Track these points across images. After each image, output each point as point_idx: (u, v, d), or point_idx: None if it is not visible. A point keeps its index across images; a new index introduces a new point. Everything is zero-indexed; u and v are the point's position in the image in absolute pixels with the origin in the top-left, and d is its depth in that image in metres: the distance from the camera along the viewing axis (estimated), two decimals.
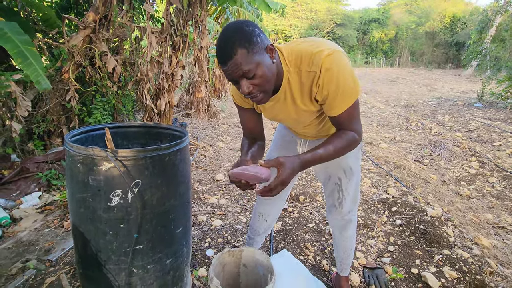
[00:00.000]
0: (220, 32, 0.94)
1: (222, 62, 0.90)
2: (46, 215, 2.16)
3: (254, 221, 1.53)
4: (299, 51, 0.97)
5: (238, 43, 0.86)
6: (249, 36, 0.87)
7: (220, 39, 0.90)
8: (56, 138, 3.04)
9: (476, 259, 1.76)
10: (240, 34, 0.87)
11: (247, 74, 0.89)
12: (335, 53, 0.93)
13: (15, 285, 1.48)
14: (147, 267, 1.18)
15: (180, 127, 1.46)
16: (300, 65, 0.97)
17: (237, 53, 0.86)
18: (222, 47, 0.89)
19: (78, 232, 1.15)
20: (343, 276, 1.52)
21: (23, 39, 2.12)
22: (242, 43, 0.86)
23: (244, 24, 0.90)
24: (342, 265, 1.49)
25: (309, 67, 0.95)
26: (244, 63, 0.87)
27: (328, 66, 0.91)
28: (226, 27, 0.91)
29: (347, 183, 1.28)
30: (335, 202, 1.32)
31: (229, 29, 0.89)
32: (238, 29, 0.88)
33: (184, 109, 5.43)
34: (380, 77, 16.49)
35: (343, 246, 1.44)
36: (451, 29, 27.39)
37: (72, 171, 1.09)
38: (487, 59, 8.89)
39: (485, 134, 4.70)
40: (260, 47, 0.89)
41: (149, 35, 3.08)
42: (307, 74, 0.96)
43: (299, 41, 1.03)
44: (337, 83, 0.93)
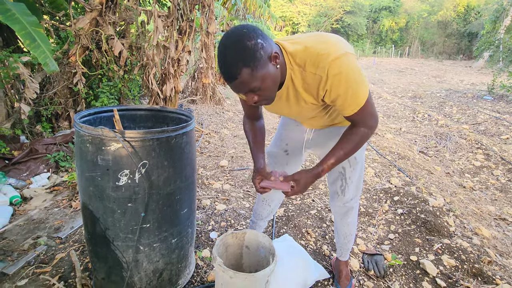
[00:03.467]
0: (221, 44, 0.87)
1: (226, 80, 0.89)
2: (55, 195, 2.22)
3: (257, 205, 1.57)
4: (304, 51, 0.93)
5: (242, 63, 0.83)
6: (253, 53, 0.83)
7: (222, 56, 0.86)
8: (64, 121, 3.08)
9: (475, 249, 1.78)
10: (243, 53, 0.83)
11: (253, 90, 0.89)
12: (342, 57, 0.90)
13: (27, 259, 1.55)
14: (153, 245, 1.22)
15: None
16: (304, 66, 0.94)
17: (241, 73, 0.84)
18: (225, 66, 0.86)
19: (87, 210, 1.19)
20: (342, 261, 1.55)
21: (31, 21, 2.13)
22: (246, 63, 0.83)
23: (246, 37, 0.83)
24: (342, 250, 1.52)
25: (315, 70, 0.93)
26: (250, 81, 0.86)
27: (336, 71, 0.89)
28: (227, 42, 0.85)
29: (351, 172, 1.29)
30: (337, 190, 1.34)
31: (231, 46, 0.84)
32: (241, 47, 0.83)
33: (189, 95, 5.43)
34: (389, 67, 16.19)
35: (343, 232, 1.46)
36: (465, 18, 26.53)
37: (82, 150, 1.12)
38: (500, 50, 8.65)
39: (493, 127, 4.64)
40: (264, 60, 0.86)
41: (155, 19, 3.06)
42: (312, 76, 0.94)
43: (304, 37, 0.98)
44: (345, 88, 0.92)
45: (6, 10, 2.08)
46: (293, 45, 0.95)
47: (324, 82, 0.92)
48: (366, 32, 29.99)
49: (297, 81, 0.98)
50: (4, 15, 2.05)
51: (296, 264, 1.54)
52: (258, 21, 7.95)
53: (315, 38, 0.95)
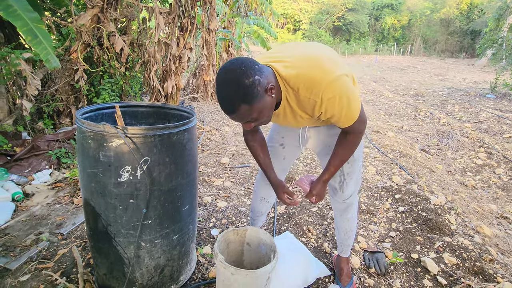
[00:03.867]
0: (219, 77, 0.91)
1: (225, 113, 0.94)
2: (57, 191, 2.23)
3: (255, 204, 1.58)
4: (297, 76, 0.96)
5: (240, 100, 0.88)
6: (250, 90, 0.87)
7: (220, 91, 0.90)
8: (65, 118, 3.09)
9: (476, 247, 1.78)
10: (241, 90, 0.87)
11: (250, 120, 0.96)
12: (334, 82, 0.93)
13: (29, 255, 1.56)
14: (155, 242, 1.22)
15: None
16: (298, 90, 0.97)
17: (240, 108, 0.89)
18: (224, 101, 0.90)
19: (89, 206, 1.19)
20: (343, 257, 1.55)
21: (33, 17, 2.12)
22: (245, 100, 0.88)
23: (244, 75, 0.87)
24: (342, 247, 1.53)
25: (309, 95, 0.96)
26: (247, 115, 0.92)
27: (330, 95, 0.94)
28: (225, 79, 0.88)
29: (349, 168, 1.30)
30: (336, 186, 1.35)
31: (229, 84, 0.88)
32: (239, 85, 0.86)
33: (190, 92, 5.43)
34: (391, 65, 16.11)
35: (344, 228, 1.47)
36: (468, 16, 26.32)
37: (83, 147, 1.13)
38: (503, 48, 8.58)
39: (495, 125, 4.62)
40: (261, 95, 0.90)
41: (157, 16, 3.05)
42: (307, 99, 0.98)
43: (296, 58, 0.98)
44: (340, 108, 0.97)
45: (8, 6, 2.07)
46: (286, 69, 0.97)
47: (319, 106, 0.97)
48: (368, 29, 29.81)
49: (292, 102, 1.03)
50: (5, 11, 2.05)
51: (297, 261, 1.54)
52: (259, 18, 7.91)
53: (307, 63, 0.96)
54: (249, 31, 8.48)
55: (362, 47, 27.08)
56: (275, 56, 1.02)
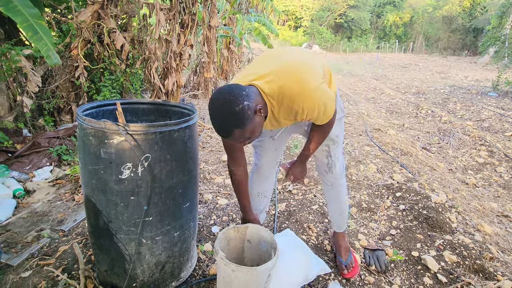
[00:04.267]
0: (211, 104, 0.98)
1: (220, 135, 1.04)
2: (57, 188, 2.23)
3: (253, 202, 1.59)
4: (279, 91, 1.04)
5: (233, 126, 0.96)
6: (241, 115, 0.95)
7: (213, 117, 0.98)
8: (66, 115, 3.08)
9: (477, 245, 1.78)
10: (233, 117, 0.95)
11: (244, 140, 1.04)
12: (313, 92, 1.04)
13: (31, 252, 1.56)
14: (156, 238, 1.23)
15: None
16: (282, 101, 1.07)
17: (234, 133, 0.98)
18: (218, 127, 0.99)
19: (90, 202, 1.20)
20: (340, 233, 1.66)
21: (33, 13, 2.11)
22: (237, 125, 0.96)
23: (233, 103, 0.94)
24: (338, 223, 1.64)
25: (291, 104, 1.07)
26: (241, 136, 1.00)
27: (310, 104, 1.06)
28: (217, 107, 0.96)
29: (335, 149, 1.45)
30: (325, 168, 1.48)
31: (221, 112, 0.96)
32: (230, 113, 0.94)
33: (191, 90, 5.41)
34: (392, 63, 16.05)
35: (338, 209, 1.59)
36: (470, 13, 26.15)
37: (84, 143, 1.12)
38: (505, 46, 8.53)
39: (497, 123, 4.60)
40: (251, 117, 0.97)
41: (157, 12, 3.03)
42: (289, 108, 1.09)
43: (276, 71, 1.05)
44: (318, 112, 1.09)
45: (8, 2, 2.06)
46: (268, 85, 1.04)
47: (300, 113, 1.09)
48: (369, 27, 29.65)
49: (276, 112, 1.12)
50: (6, 7, 2.04)
51: (297, 258, 1.55)
52: (260, 15, 7.88)
53: (287, 77, 1.04)
54: (250, 28, 8.44)
55: (364, 45, 26.95)
56: (254, 73, 1.08)
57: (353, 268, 1.58)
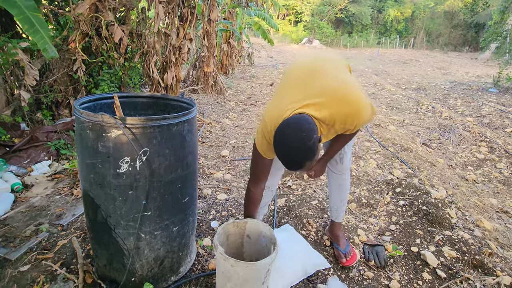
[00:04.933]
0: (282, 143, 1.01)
1: (288, 168, 1.06)
2: (56, 182, 2.22)
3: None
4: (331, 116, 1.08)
5: (306, 159, 1.00)
6: (313, 149, 0.99)
7: (286, 154, 1.01)
8: (64, 109, 3.06)
9: (476, 241, 1.78)
10: (307, 152, 0.99)
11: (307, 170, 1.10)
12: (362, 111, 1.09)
13: (29, 246, 1.56)
14: (155, 233, 1.22)
15: None
16: (334, 124, 1.11)
17: (305, 165, 1.02)
18: (290, 162, 1.03)
19: (88, 197, 1.18)
20: (337, 223, 1.70)
21: (29, 5, 2.08)
22: (309, 158, 1.00)
23: (306, 139, 0.97)
24: (338, 213, 1.67)
25: (343, 125, 1.12)
26: (309, 167, 1.05)
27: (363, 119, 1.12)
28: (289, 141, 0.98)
29: (348, 145, 1.47)
30: (337, 158, 1.52)
31: (295, 148, 0.98)
32: (304, 148, 0.98)
33: (190, 84, 5.38)
34: (393, 59, 15.96)
35: (340, 197, 1.63)
36: (472, 9, 25.93)
37: (82, 137, 1.11)
38: (507, 42, 8.47)
39: (498, 119, 4.59)
40: (318, 148, 1.02)
41: (156, 5, 2.99)
42: (341, 129, 1.15)
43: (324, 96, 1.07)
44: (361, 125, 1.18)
45: None
46: (320, 113, 1.06)
47: (350, 130, 1.17)
48: (370, 22, 29.41)
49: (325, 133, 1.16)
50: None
51: (296, 253, 1.54)
52: (260, 9, 7.80)
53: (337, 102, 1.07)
54: (250, 23, 8.36)
55: (364, 40, 26.77)
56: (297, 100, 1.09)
57: (351, 256, 1.60)
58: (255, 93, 6.11)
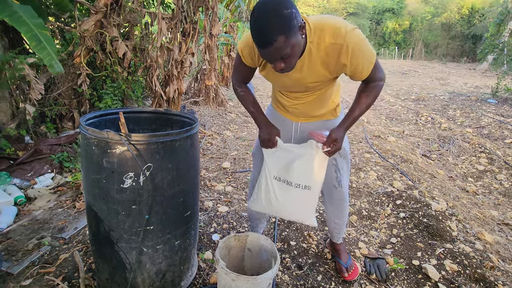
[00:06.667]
0: (256, 10, 0.89)
1: (260, 46, 0.92)
2: (59, 195, 2.24)
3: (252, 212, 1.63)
4: (324, 24, 1.03)
5: (278, 30, 0.87)
6: (289, 21, 0.87)
7: (257, 22, 0.88)
8: (68, 122, 3.10)
9: (478, 254, 1.78)
10: (280, 20, 0.86)
11: (283, 57, 0.94)
12: (354, 29, 1.03)
13: (31, 260, 1.57)
14: (157, 247, 1.23)
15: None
16: (324, 37, 1.03)
17: (277, 40, 0.88)
18: (261, 32, 0.88)
19: (92, 211, 1.20)
20: (340, 243, 1.66)
21: (37, 23, 2.15)
22: (283, 30, 0.87)
23: (283, 6, 0.87)
24: (339, 235, 1.61)
25: (334, 40, 1.02)
26: (283, 48, 0.90)
27: (355, 40, 1.01)
28: (264, 8, 0.87)
29: (342, 162, 1.40)
30: (334, 183, 1.42)
31: (268, 12, 0.86)
32: (278, 14, 0.86)
33: (192, 96, 5.45)
34: (392, 69, 16.14)
35: (342, 221, 1.55)
36: (469, 21, 26.39)
37: (87, 153, 1.14)
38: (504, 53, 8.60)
39: (497, 130, 4.61)
40: (296, 29, 0.90)
41: (159, 21, 3.08)
42: (332, 46, 1.03)
43: (318, 16, 1.08)
44: (363, 54, 1.05)
45: (13, 12, 2.10)
46: (314, 20, 1.03)
47: (344, 49, 1.02)
48: (369, 33, 29.91)
49: (316, 53, 1.06)
50: (11, 17, 2.08)
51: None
52: None
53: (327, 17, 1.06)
54: None
55: None
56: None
57: (353, 270, 1.60)
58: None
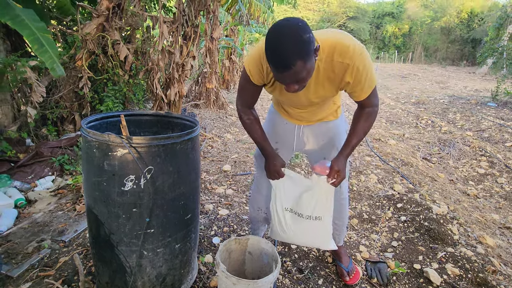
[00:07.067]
0: (274, 33, 0.90)
1: (277, 69, 0.92)
2: (59, 198, 2.24)
3: (253, 215, 1.65)
4: (332, 41, 1.03)
5: (297, 55, 0.87)
6: (307, 46, 0.88)
7: (276, 45, 0.88)
8: (69, 125, 3.11)
9: (479, 258, 1.77)
10: (300, 45, 0.87)
11: (299, 80, 0.95)
12: (363, 50, 1.04)
13: (31, 263, 1.56)
14: (157, 250, 1.23)
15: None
16: (333, 55, 1.04)
17: (296, 64, 0.88)
18: (280, 56, 0.89)
19: (92, 214, 1.20)
20: (340, 245, 1.66)
21: (39, 26, 2.17)
22: (302, 55, 0.88)
23: (302, 30, 0.87)
24: (339, 236, 1.61)
25: (342, 59, 1.04)
26: (300, 72, 0.91)
27: (360, 60, 1.03)
28: (283, 31, 0.88)
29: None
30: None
31: (288, 37, 0.87)
32: (298, 39, 0.87)
33: (193, 99, 5.47)
34: (392, 73, 16.19)
35: (343, 223, 1.57)
36: (468, 25, 26.52)
37: (88, 155, 1.14)
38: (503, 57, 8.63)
39: (497, 134, 4.61)
40: (312, 53, 0.92)
41: (161, 25, 3.10)
42: (339, 64, 1.05)
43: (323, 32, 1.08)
44: (366, 78, 1.08)
45: (16, 16, 2.12)
46: (322, 38, 1.04)
47: (350, 69, 1.05)
48: (369, 37, 30.05)
49: (323, 71, 1.09)
50: (13, 20, 2.10)
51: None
52: (261, 26, 8.02)
53: (337, 34, 1.06)
54: (251, 39, 8.58)
55: None
56: None
57: (354, 274, 1.59)
58: (256, 107, 6.19)
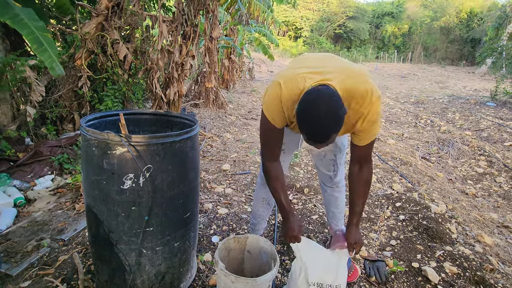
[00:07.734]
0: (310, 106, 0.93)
1: (311, 140, 0.97)
2: (58, 197, 2.24)
3: (257, 207, 1.66)
4: (349, 89, 1.04)
5: (333, 131, 0.94)
6: (342, 121, 0.94)
7: (315, 123, 0.92)
8: (68, 124, 3.11)
9: (477, 256, 1.78)
10: (336, 121, 0.92)
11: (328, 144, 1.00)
12: (378, 100, 1.08)
13: (30, 261, 1.56)
14: (156, 249, 1.23)
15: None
16: (350, 102, 1.07)
17: (331, 137, 0.95)
18: (317, 132, 0.94)
19: (91, 212, 1.21)
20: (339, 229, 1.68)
21: (39, 26, 2.17)
22: (336, 129, 0.94)
23: (338, 106, 0.92)
24: (339, 221, 1.67)
25: (358, 107, 1.07)
26: (332, 141, 0.99)
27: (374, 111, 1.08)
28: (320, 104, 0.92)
29: (341, 158, 1.51)
30: (330, 174, 1.54)
31: (325, 114, 0.91)
32: (335, 117, 0.92)
33: (192, 99, 5.47)
34: (391, 73, 16.20)
35: (339, 209, 1.64)
36: (467, 24, 26.53)
37: (87, 154, 1.14)
38: (502, 57, 8.64)
39: (496, 133, 4.63)
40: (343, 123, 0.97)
41: (160, 24, 3.10)
42: (355, 111, 1.09)
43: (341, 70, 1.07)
44: (372, 127, 1.13)
45: (15, 15, 2.12)
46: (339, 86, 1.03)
47: (363, 118, 1.10)
48: (368, 37, 30.05)
49: None
50: (12, 20, 2.09)
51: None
52: (261, 26, 8.02)
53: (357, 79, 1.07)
54: (251, 38, 8.58)
55: (363, 55, 27.24)
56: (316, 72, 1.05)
57: (353, 272, 1.60)
58: (256, 107, 6.20)
